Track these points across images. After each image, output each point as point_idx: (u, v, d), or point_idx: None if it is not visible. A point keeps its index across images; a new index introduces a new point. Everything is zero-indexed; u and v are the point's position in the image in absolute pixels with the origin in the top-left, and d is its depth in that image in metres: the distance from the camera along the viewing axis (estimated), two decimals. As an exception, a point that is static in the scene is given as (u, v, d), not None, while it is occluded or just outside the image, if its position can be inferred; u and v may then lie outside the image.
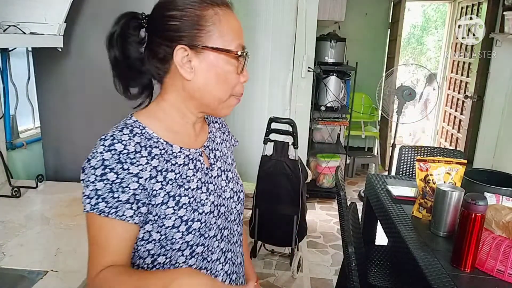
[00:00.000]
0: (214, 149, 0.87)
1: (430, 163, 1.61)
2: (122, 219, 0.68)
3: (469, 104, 3.97)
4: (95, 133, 1.32)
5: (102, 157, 0.68)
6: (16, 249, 1.04)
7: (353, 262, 1.43)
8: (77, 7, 1.47)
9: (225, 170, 0.87)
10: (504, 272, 1.22)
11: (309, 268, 2.68)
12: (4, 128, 1.54)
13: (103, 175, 0.67)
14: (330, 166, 3.77)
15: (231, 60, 0.74)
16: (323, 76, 3.71)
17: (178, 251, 0.75)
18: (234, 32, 0.74)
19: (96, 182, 0.67)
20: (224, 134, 0.95)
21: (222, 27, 0.73)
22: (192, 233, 0.74)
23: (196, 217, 0.75)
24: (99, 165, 0.68)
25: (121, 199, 0.68)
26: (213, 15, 0.72)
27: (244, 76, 0.77)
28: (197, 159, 0.80)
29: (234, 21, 0.75)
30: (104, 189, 0.67)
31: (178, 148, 0.77)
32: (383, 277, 1.81)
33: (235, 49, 0.74)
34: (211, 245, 0.79)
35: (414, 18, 7.92)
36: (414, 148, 2.49)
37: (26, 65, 1.63)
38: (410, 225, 1.59)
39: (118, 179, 0.68)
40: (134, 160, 0.69)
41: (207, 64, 0.73)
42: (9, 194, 1.35)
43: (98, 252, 0.69)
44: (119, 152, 0.69)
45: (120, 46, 0.75)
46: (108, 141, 0.70)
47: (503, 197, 1.52)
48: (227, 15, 0.74)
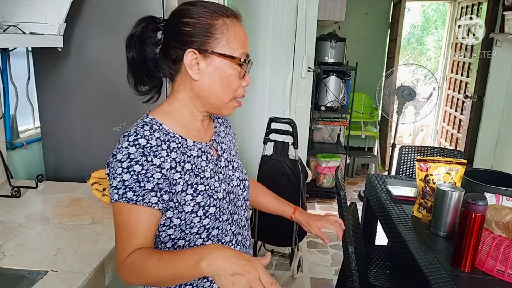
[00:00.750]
0: (220, 142, 0.96)
1: (430, 163, 1.61)
2: (149, 206, 0.75)
3: (469, 104, 3.97)
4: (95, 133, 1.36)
5: (128, 151, 0.76)
6: (16, 249, 1.04)
7: (353, 262, 1.43)
8: (77, 7, 1.47)
9: (231, 160, 0.96)
10: (504, 272, 1.22)
11: (309, 268, 2.68)
12: (4, 128, 1.54)
13: (129, 167, 0.75)
14: (330, 166, 3.77)
15: (234, 65, 0.82)
16: (323, 76, 3.71)
17: (196, 234, 0.83)
18: (240, 41, 0.83)
19: (123, 174, 0.75)
20: (227, 128, 1.04)
21: (229, 36, 0.81)
22: (208, 217, 0.83)
23: (211, 202, 0.84)
24: (125, 158, 0.75)
25: (147, 187, 0.75)
26: (222, 25, 0.81)
27: (246, 80, 0.86)
28: (208, 152, 0.89)
29: (241, 31, 0.84)
30: (131, 180, 0.75)
31: (191, 142, 0.86)
32: (383, 277, 1.81)
33: (239, 56, 0.82)
34: (224, 228, 0.88)
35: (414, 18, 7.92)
36: (414, 148, 2.49)
37: (26, 65, 1.63)
38: (410, 225, 1.59)
39: (143, 170, 0.75)
40: (157, 152, 0.77)
41: (213, 67, 0.82)
42: (9, 194, 1.35)
43: (127, 236, 0.76)
44: (143, 146, 0.77)
45: (138, 47, 0.83)
46: (132, 137, 0.77)
47: (503, 197, 1.52)
48: (234, 25, 0.83)
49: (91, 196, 1.38)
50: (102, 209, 1.30)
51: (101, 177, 1.45)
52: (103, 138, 1.59)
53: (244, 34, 0.85)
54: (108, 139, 1.59)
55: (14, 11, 1.36)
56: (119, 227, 0.77)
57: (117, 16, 1.50)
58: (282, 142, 2.52)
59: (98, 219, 1.23)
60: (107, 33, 1.52)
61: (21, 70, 1.62)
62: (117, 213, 0.77)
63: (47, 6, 1.38)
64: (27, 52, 1.62)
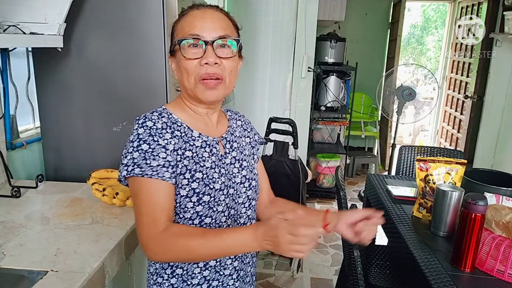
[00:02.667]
0: (231, 140, 0.99)
1: (430, 163, 1.61)
2: (163, 179, 0.81)
3: (469, 104, 3.97)
4: (95, 133, 1.37)
5: (137, 132, 0.83)
6: (16, 249, 1.04)
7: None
8: (77, 7, 1.47)
9: (240, 159, 0.98)
10: (504, 272, 1.22)
11: (309, 268, 2.68)
12: (4, 128, 1.54)
13: (138, 146, 0.82)
14: (330, 166, 3.77)
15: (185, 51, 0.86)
16: (323, 76, 3.71)
17: (189, 220, 0.87)
18: (185, 26, 0.87)
19: (133, 152, 0.82)
20: (246, 130, 1.06)
21: (179, 27, 0.89)
22: (202, 205, 0.87)
23: (207, 191, 0.87)
24: (135, 138, 0.83)
25: (153, 164, 0.81)
26: (178, 22, 0.90)
27: (205, 58, 0.86)
28: (214, 146, 0.93)
29: (192, 17, 0.88)
30: (139, 158, 0.81)
31: (197, 134, 0.91)
32: (383, 277, 1.81)
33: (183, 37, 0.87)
34: (218, 219, 0.90)
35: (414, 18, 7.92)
36: (414, 148, 2.49)
37: (26, 65, 1.63)
38: (410, 225, 1.59)
39: (150, 149, 0.82)
40: (161, 134, 0.84)
41: (176, 63, 0.91)
42: (9, 194, 1.35)
43: (152, 210, 0.81)
44: (150, 128, 0.84)
45: None
46: (141, 120, 0.85)
47: (503, 197, 1.52)
48: (187, 16, 0.88)
49: (91, 196, 1.38)
50: (102, 209, 1.30)
51: (101, 177, 1.45)
52: (103, 138, 1.59)
53: (195, 17, 0.87)
54: (108, 139, 1.59)
55: (14, 11, 1.36)
56: (141, 204, 0.81)
57: (117, 16, 1.50)
58: (282, 142, 2.52)
59: (98, 219, 1.23)
60: (107, 33, 1.52)
61: (21, 70, 1.62)
62: (137, 191, 0.82)
63: (47, 6, 1.38)
64: (27, 52, 1.62)
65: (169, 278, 0.91)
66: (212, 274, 0.92)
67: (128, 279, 1.31)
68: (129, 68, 1.54)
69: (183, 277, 0.91)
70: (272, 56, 3.43)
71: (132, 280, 1.33)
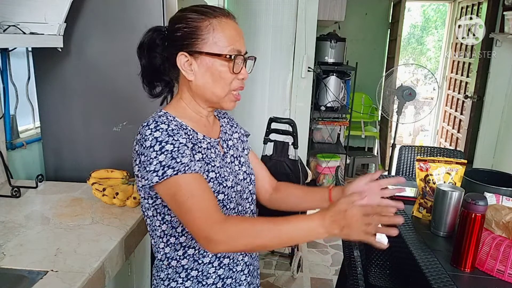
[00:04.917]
0: (226, 139, 1.01)
1: (430, 163, 1.61)
2: (197, 172, 0.82)
3: (469, 104, 3.97)
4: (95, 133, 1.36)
5: (154, 136, 0.81)
6: (16, 249, 1.04)
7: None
8: (77, 7, 1.47)
9: (238, 156, 1.01)
10: (504, 272, 1.22)
11: (309, 268, 2.68)
12: (4, 128, 1.54)
13: (161, 148, 0.80)
14: (330, 166, 3.77)
15: (224, 62, 0.87)
16: (323, 76, 3.71)
17: None
18: (228, 38, 0.87)
19: (158, 156, 0.79)
20: (233, 126, 1.08)
21: (216, 35, 0.86)
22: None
23: (221, 189, 0.88)
24: (154, 143, 0.80)
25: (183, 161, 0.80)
26: (207, 25, 0.86)
27: (242, 74, 0.90)
28: (215, 147, 0.95)
29: (230, 29, 0.88)
30: (167, 159, 0.79)
31: (202, 136, 0.92)
32: (383, 277, 1.81)
33: (228, 52, 0.87)
34: None
35: (414, 18, 7.92)
36: (414, 148, 2.49)
37: (26, 65, 1.63)
38: (410, 225, 1.59)
39: (175, 148, 0.81)
40: (178, 134, 0.83)
41: (204, 66, 0.87)
42: (9, 194, 1.35)
43: (202, 202, 0.79)
44: (166, 130, 0.82)
45: (147, 54, 0.92)
46: (153, 124, 0.82)
47: (503, 197, 1.52)
48: (222, 24, 0.87)
49: (91, 196, 1.38)
50: (102, 209, 1.30)
51: (101, 177, 1.45)
52: (103, 138, 1.59)
53: (234, 31, 0.89)
54: (108, 139, 1.59)
55: (14, 11, 1.36)
56: (187, 202, 0.79)
57: (117, 16, 1.50)
58: (282, 142, 2.52)
59: (98, 219, 1.23)
60: (107, 33, 1.52)
61: (21, 70, 1.62)
62: (177, 190, 0.79)
63: (47, 6, 1.38)
64: (27, 52, 1.62)
65: (184, 281, 0.91)
66: (226, 272, 0.93)
67: (128, 279, 1.31)
68: (129, 68, 1.54)
69: (198, 278, 0.91)
70: (272, 56, 3.43)
71: (132, 280, 1.33)
